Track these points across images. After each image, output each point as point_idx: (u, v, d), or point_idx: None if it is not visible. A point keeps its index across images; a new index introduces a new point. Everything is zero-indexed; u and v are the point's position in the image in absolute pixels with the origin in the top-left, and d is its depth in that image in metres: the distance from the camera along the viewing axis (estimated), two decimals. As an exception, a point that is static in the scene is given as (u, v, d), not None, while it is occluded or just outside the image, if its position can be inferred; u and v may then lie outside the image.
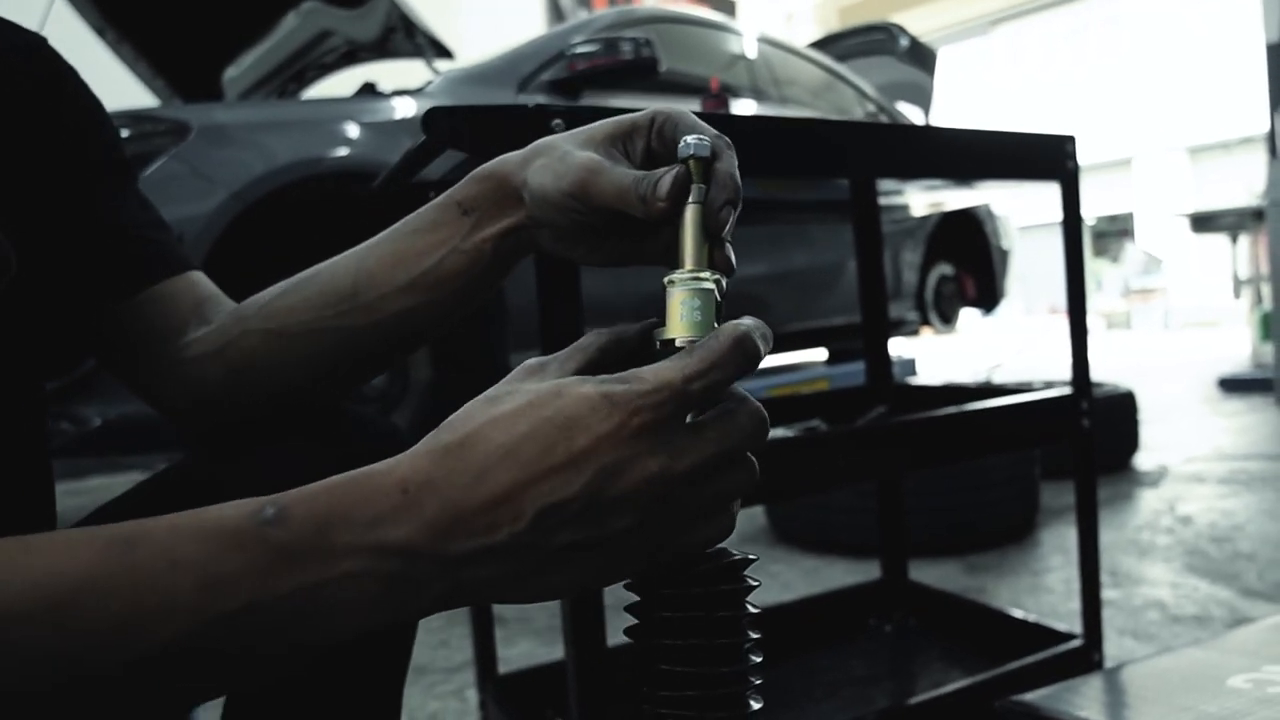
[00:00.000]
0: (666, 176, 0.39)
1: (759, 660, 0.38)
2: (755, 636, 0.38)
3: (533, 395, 0.33)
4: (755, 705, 0.37)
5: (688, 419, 0.34)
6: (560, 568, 0.33)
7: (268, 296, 0.54)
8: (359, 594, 0.31)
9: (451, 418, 0.34)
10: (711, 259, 0.38)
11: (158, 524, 0.30)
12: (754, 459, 0.36)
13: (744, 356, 0.34)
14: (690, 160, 0.39)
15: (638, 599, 0.38)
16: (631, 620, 0.38)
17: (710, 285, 0.37)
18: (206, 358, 0.55)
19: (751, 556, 0.38)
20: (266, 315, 0.53)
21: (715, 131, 0.41)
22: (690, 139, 0.39)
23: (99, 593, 0.28)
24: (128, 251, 0.57)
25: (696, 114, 0.45)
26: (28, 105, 0.54)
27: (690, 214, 0.39)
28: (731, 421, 0.34)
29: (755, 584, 0.38)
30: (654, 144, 0.43)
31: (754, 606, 0.38)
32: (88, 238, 0.56)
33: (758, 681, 0.38)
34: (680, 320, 0.37)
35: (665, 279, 0.38)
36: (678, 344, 0.36)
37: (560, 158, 0.43)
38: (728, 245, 0.39)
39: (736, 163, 0.40)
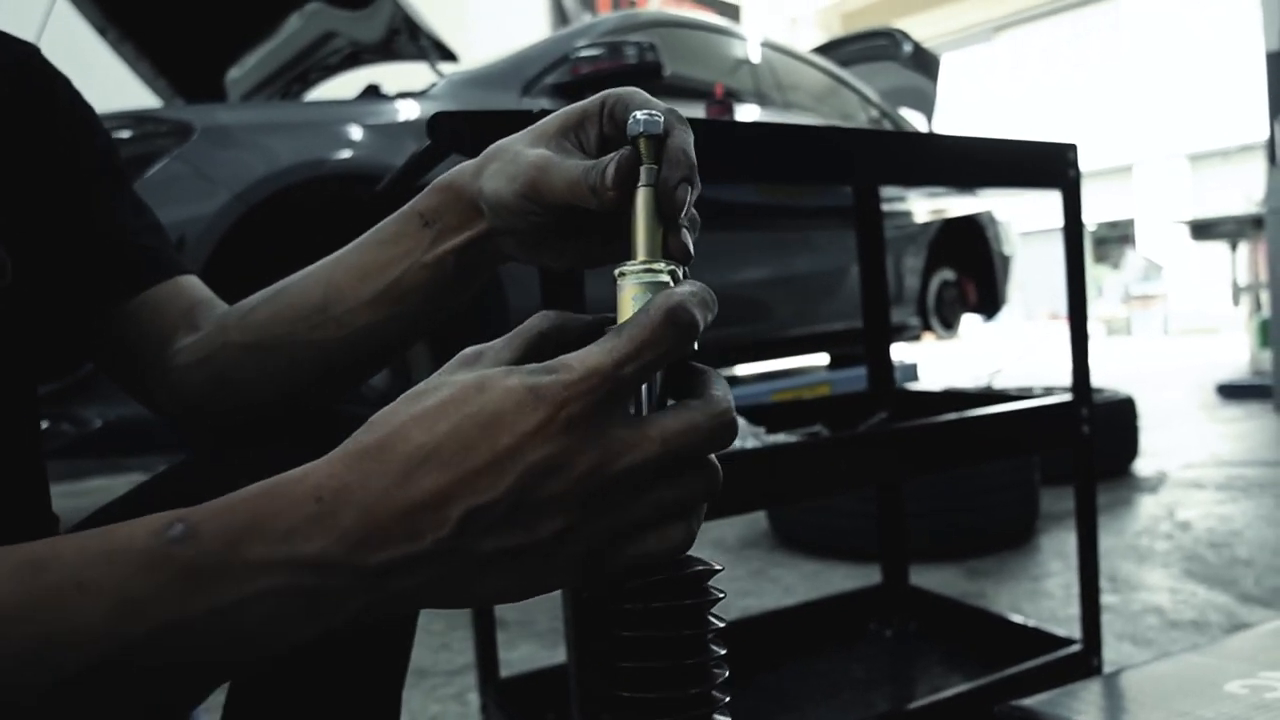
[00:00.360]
0: (612, 161, 0.36)
1: (724, 677, 0.35)
2: (720, 653, 0.35)
3: (455, 390, 0.30)
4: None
5: (632, 411, 0.32)
6: (489, 574, 0.31)
7: (246, 308, 0.54)
8: (278, 610, 0.29)
9: (374, 416, 0.32)
10: (666, 247, 0.35)
11: (68, 544, 0.29)
12: (715, 463, 0.33)
13: (678, 331, 0.30)
14: (640, 139, 0.35)
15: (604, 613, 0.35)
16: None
17: (664, 276, 0.34)
18: (193, 366, 0.55)
19: (717, 567, 0.34)
20: (244, 328, 0.53)
21: (667, 106, 0.38)
22: (639, 114, 0.36)
23: (7, 619, 0.27)
24: (120, 257, 0.57)
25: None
26: (21, 116, 0.55)
27: (641, 197, 0.35)
28: (683, 417, 0.31)
29: (719, 596, 0.35)
30: (606, 129, 0.41)
31: (718, 620, 0.35)
32: (82, 244, 0.57)
33: (724, 699, 0.35)
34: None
35: (616, 271, 0.34)
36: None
37: (512, 159, 0.41)
38: (685, 231, 0.36)
39: (691, 139, 0.37)
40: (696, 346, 0.33)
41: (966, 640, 1.43)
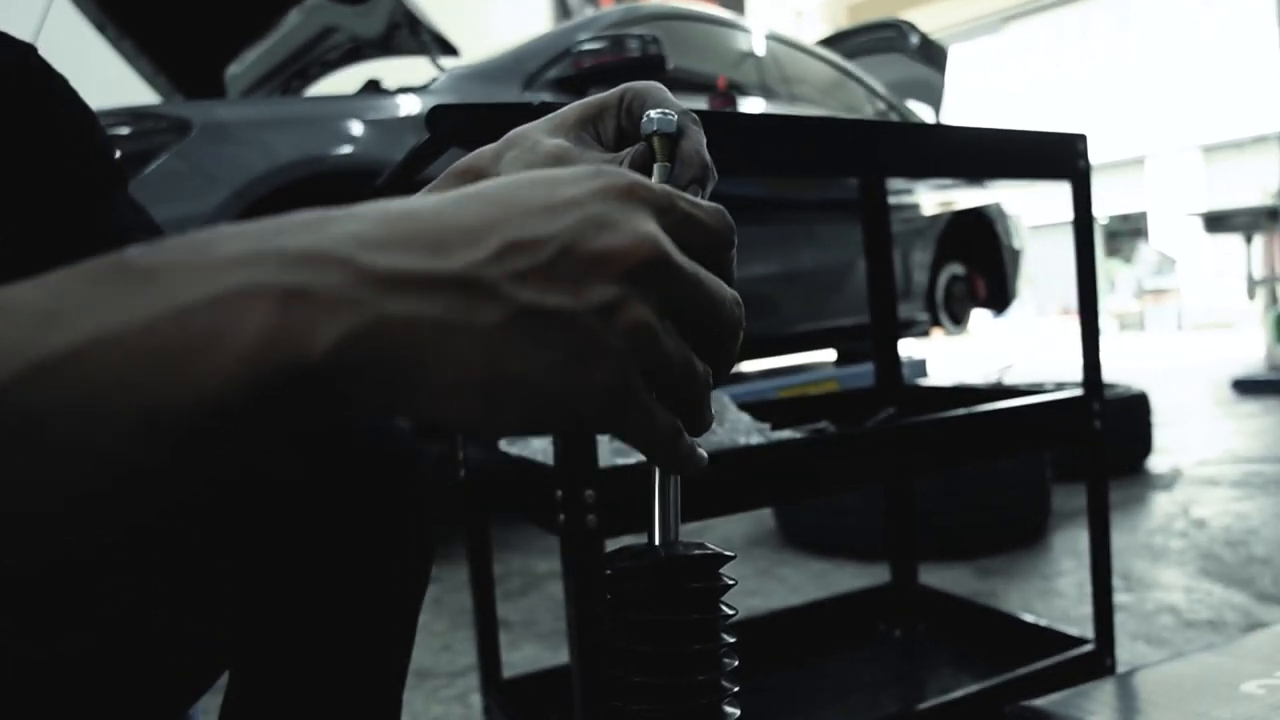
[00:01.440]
0: (625, 159, 0.37)
1: (733, 665, 0.34)
2: (730, 640, 0.34)
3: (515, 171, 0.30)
4: (733, 713, 0.34)
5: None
6: (520, 343, 0.25)
7: None
8: (240, 320, 0.22)
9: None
10: None
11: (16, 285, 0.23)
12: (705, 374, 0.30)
13: (726, 225, 0.31)
14: (654, 137, 0.36)
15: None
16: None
17: None
18: None
19: (727, 554, 0.34)
20: None
21: (683, 107, 0.39)
22: (653, 114, 0.37)
23: None
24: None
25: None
26: (18, 116, 0.54)
27: None
28: (717, 280, 0.30)
29: (730, 583, 0.34)
30: (624, 123, 0.41)
31: (728, 607, 0.34)
32: (79, 244, 0.56)
33: (734, 689, 0.34)
34: None
35: None
36: None
37: (530, 148, 0.41)
38: None
39: (704, 139, 0.38)
40: None
41: (977, 640, 1.41)
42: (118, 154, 0.62)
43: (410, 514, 0.54)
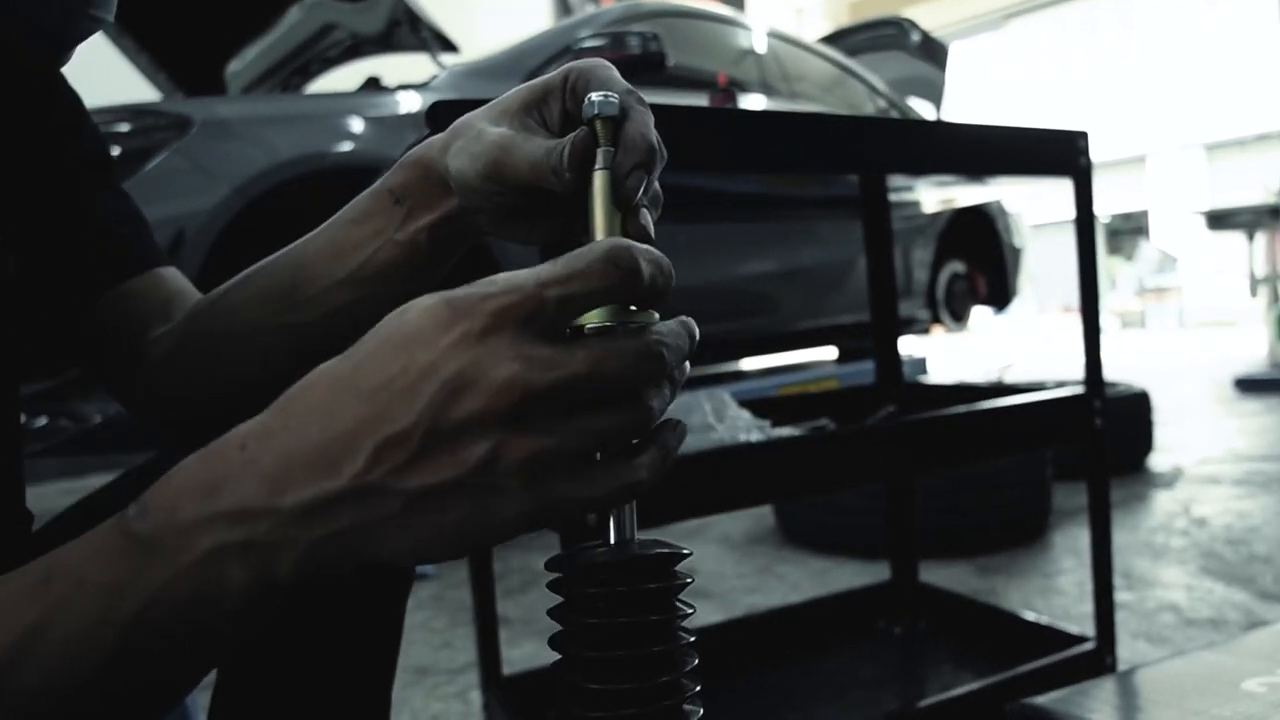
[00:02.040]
0: (568, 145, 0.35)
1: (692, 665, 0.33)
2: (688, 639, 0.33)
3: (381, 322, 0.30)
4: (694, 711, 0.33)
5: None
6: (427, 516, 0.28)
7: (216, 295, 0.53)
8: (222, 572, 0.29)
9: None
10: (624, 231, 0.34)
11: (69, 551, 0.30)
12: (649, 402, 0.30)
13: (616, 268, 0.29)
14: (595, 120, 0.35)
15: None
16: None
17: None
18: (164, 357, 0.54)
19: (685, 550, 0.33)
20: (214, 315, 0.52)
21: (628, 86, 0.38)
22: (595, 96, 0.35)
23: (34, 634, 0.29)
24: (98, 249, 0.56)
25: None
26: (13, 107, 0.54)
27: (598, 180, 0.34)
28: (612, 344, 0.29)
29: (687, 581, 0.33)
30: (569, 105, 0.40)
31: (686, 605, 0.33)
32: (66, 237, 0.56)
33: (694, 689, 0.33)
34: None
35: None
36: (586, 330, 0.31)
37: (475, 137, 0.40)
38: (645, 213, 0.35)
39: (650, 120, 0.36)
40: (657, 319, 0.32)
41: (977, 638, 1.41)
42: (115, 151, 0.62)
43: None
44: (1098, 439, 1.16)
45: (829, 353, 4.06)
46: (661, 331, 0.31)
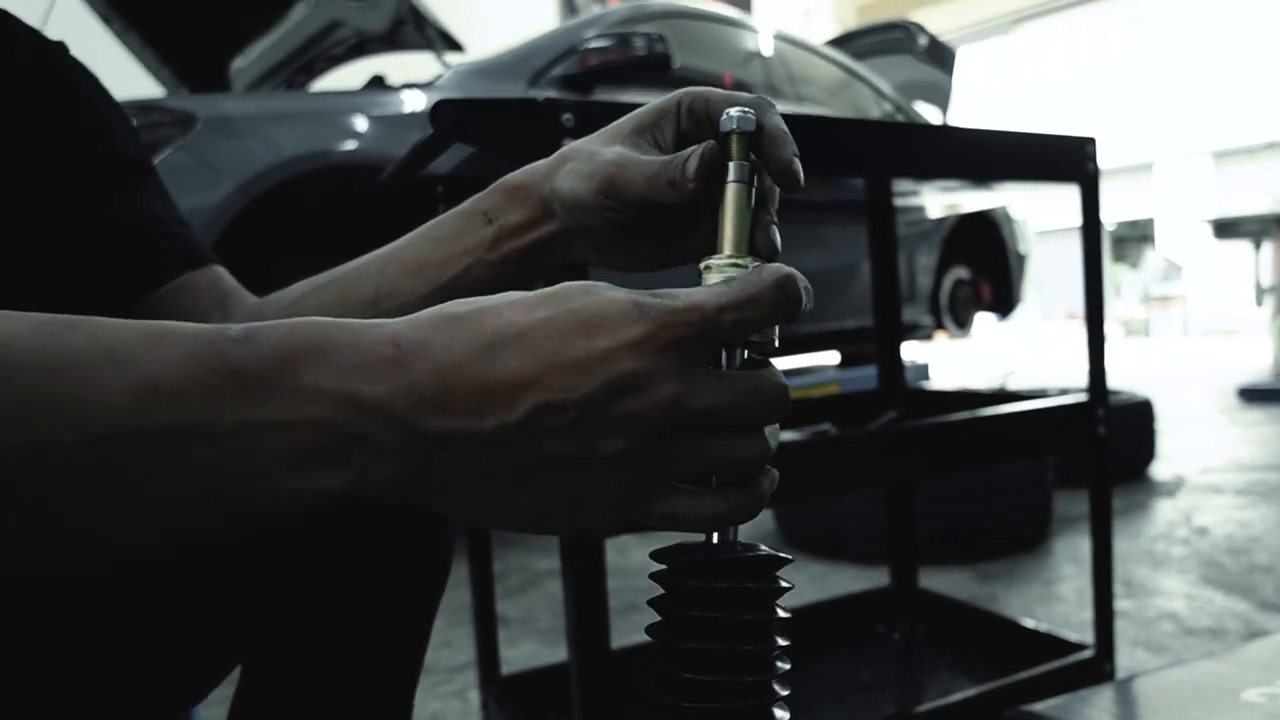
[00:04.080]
0: (695, 153, 0.36)
1: (786, 668, 0.35)
2: (783, 643, 0.35)
3: (562, 287, 0.30)
4: (781, 716, 0.34)
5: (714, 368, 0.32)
6: (534, 483, 0.30)
7: (290, 297, 0.53)
8: (312, 447, 0.27)
9: (476, 296, 0.31)
10: (753, 243, 0.35)
11: (107, 320, 0.26)
12: (768, 442, 0.32)
13: (784, 297, 0.31)
14: (732, 135, 0.36)
15: (662, 591, 0.35)
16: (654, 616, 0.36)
17: (750, 271, 0.34)
18: None
19: (785, 556, 0.34)
20: (286, 317, 0.52)
21: (753, 96, 0.38)
22: (733, 112, 0.36)
23: (14, 362, 0.24)
24: (150, 246, 0.57)
25: None
26: (40, 111, 0.55)
27: (731, 193, 0.35)
28: (754, 381, 0.31)
29: (787, 586, 0.34)
30: (684, 126, 0.41)
31: (784, 610, 0.35)
32: (103, 237, 0.57)
33: (784, 692, 0.34)
34: None
35: (701, 264, 0.35)
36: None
37: (588, 159, 0.42)
38: (773, 228, 0.36)
39: (782, 121, 0.37)
40: (776, 343, 0.34)
41: (976, 644, 1.40)
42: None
43: (431, 516, 0.53)
44: (1100, 447, 1.16)
45: (831, 357, 4.06)
46: (782, 376, 0.33)
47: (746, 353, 0.34)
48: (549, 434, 0.29)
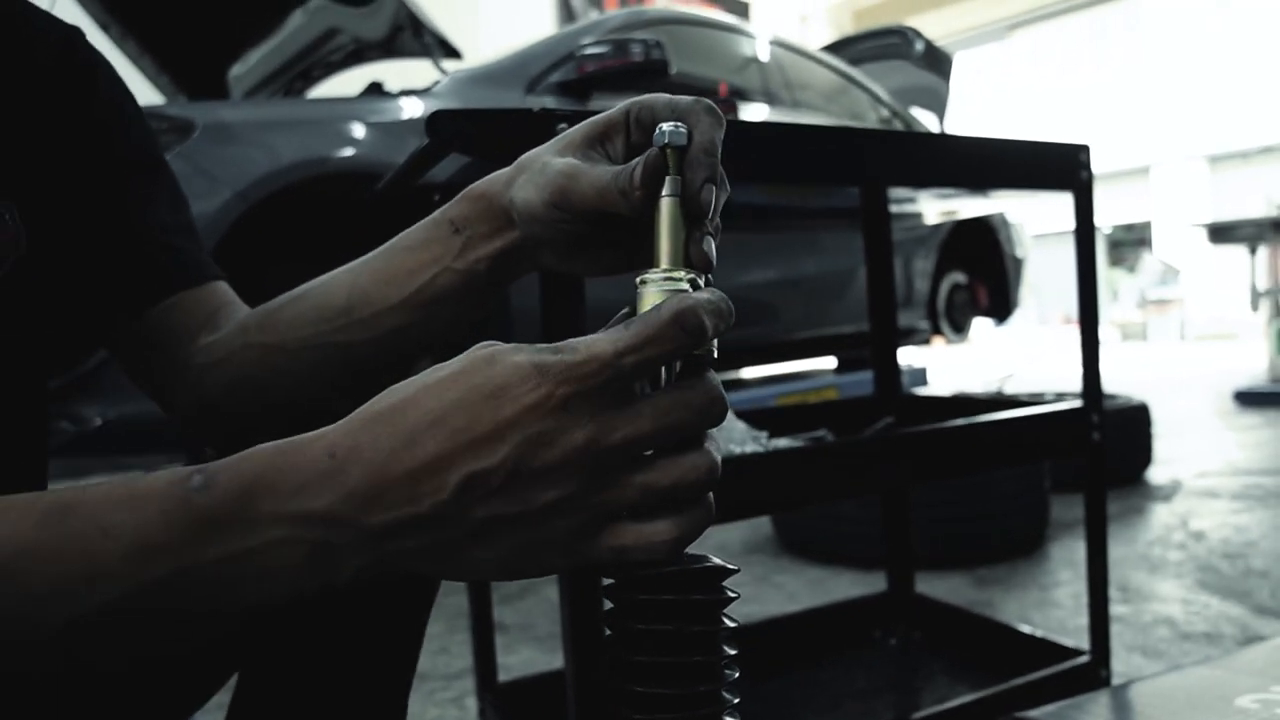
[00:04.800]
0: (640, 163, 0.37)
1: (734, 677, 0.35)
2: (731, 652, 0.35)
3: (468, 362, 0.32)
4: None
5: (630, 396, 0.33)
6: (485, 542, 0.32)
7: (269, 309, 0.54)
8: (283, 562, 0.31)
9: (394, 385, 0.33)
10: (688, 255, 0.36)
11: (94, 491, 0.31)
12: (712, 456, 0.33)
13: (684, 332, 0.32)
14: (665, 149, 0.36)
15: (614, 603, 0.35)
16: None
17: (684, 285, 0.35)
18: (211, 366, 0.55)
19: (732, 567, 0.35)
20: (265, 329, 0.53)
21: (690, 100, 0.39)
22: (665, 126, 0.36)
23: (33, 559, 0.29)
24: (152, 259, 0.57)
25: None
26: (59, 96, 0.54)
27: (665, 207, 0.36)
28: (674, 398, 0.32)
29: (733, 596, 0.35)
30: (634, 137, 0.42)
31: (730, 620, 0.35)
32: (112, 236, 0.56)
33: (734, 701, 0.35)
34: None
35: (638, 279, 0.35)
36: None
37: (540, 170, 0.42)
38: (709, 239, 0.36)
39: (718, 135, 0.37)
40: (716, 353, 0.35)
41: (973, 650, 1.41)
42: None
43: None
44: (1096, 453, 1.16)
45: (828, 362, 4.06)
46: (718, 384, 0.33)
47: (678, 365, 0.34)
48: (481, 501, 0.31)
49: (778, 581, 2.00)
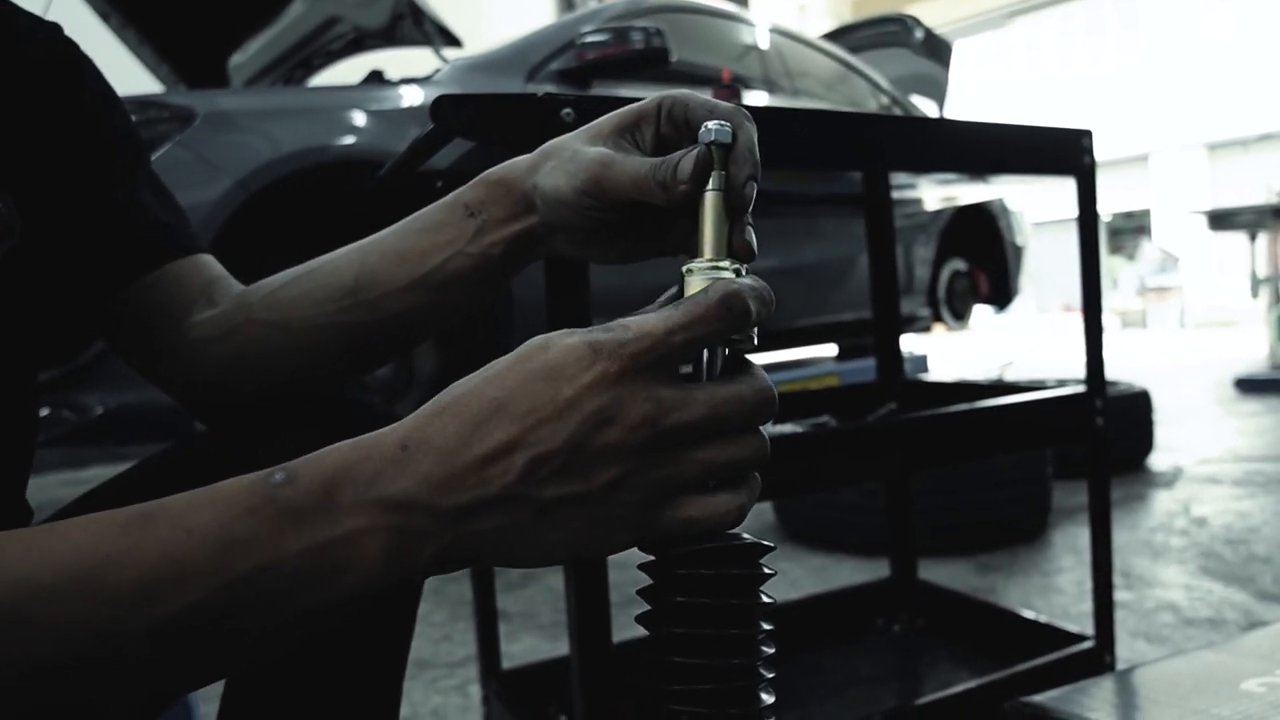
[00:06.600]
0: (688, 158, 0.38)
1: (771, 652, 0.36)
2: (768, 628, 0.36)
3: (523, 349, 0.34)
4: (767, 700, 0.36)
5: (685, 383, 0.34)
6: (553, 524, 0.33)
7: (272, 285, 0.54)
8: (364, 551, 0.32)
9: (457, 381, 0.35)
10: (730, 246, 0.38)
11: (176, 498, 0.32)
12: (762, 434, 0.35)
13: (730, 314, 0.33)
14: (712, 146, 0.38)
15: (650, 581, 0.37)
16: (644, 606, 0.37)
17: (728, 274, 0.36)
18: (210, 341, 0.55)
19: (767, 544, 0.36)
20: (269, 306, 0.53)
21: (731, 106, 0.40)
22: (711, 125, 0.38)
23: (119, 565, 0.30)
24: (138, 234, 0.57)
25: None
26: (46, 90, 0.55)
27: (709, 201, 0.38)
28: (728, 388, 0.34)
29: (770, 573, 0.36)
30: (664, 129, 0.42)
31: (768, 596, 0.36)
32: (99, 219, 0.57)
33: (769, 675, 0.36)
34: None
35: (684, 267, 0.37)
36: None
37: (570, 157, 0.43)
38: (749, 230, 0.38)
39: (755, 136, 0.40)
40: (756, 340, 0.36)
41: (976, 636, 1.41)
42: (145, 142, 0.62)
43: None
44: (1098, 439, 1.16)
45: (829, 349, 4.06)
46: (768, 381, 0.35)
47: (727, 350, 0.35)
48: (548, 481, 0.33)
49: (780, 568, 2.01)
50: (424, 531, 0.32)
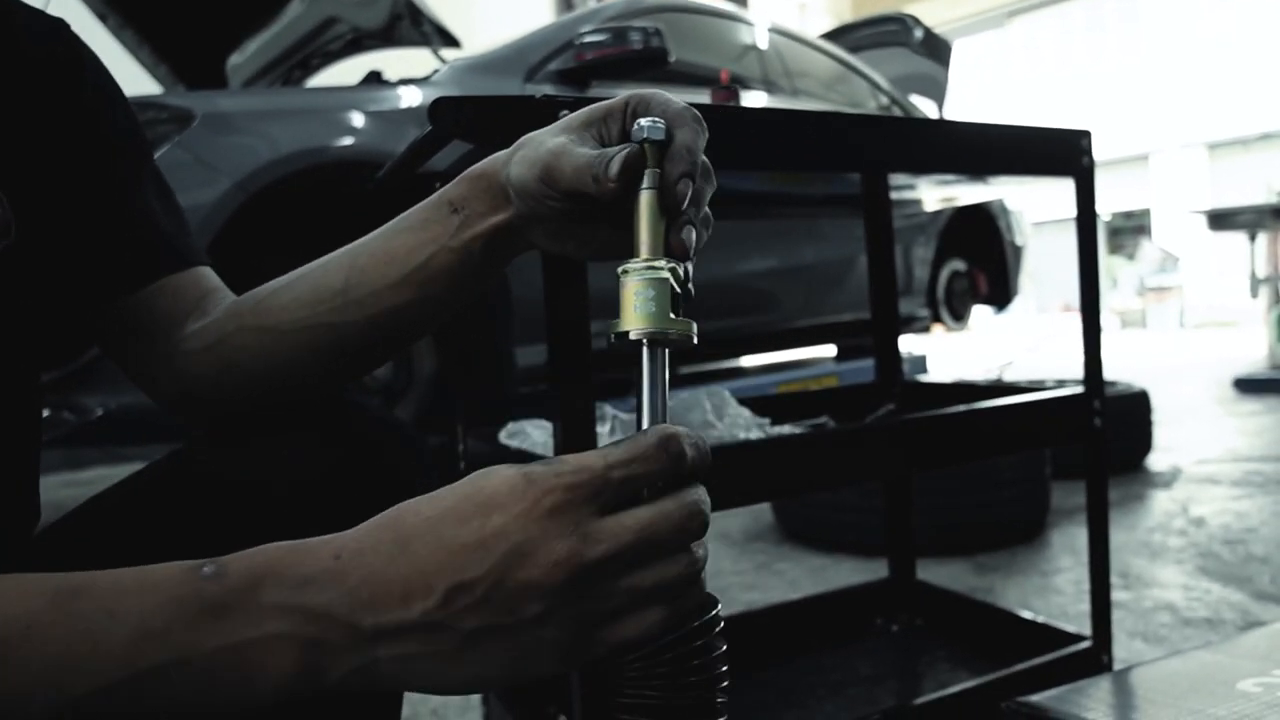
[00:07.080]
0: (618, 156, 0.38)
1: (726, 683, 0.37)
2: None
3: (470, 476, 0.34)
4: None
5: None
6: (473, 655, 0.33)
7: (262, 293, 0.54)
8: (277, 658, 0.32)
9: (408, 500, 0.35)
10: (668, 245, 0.37)
11: (107, 576, 0.32)
12: (694, 554, 0.35)
13: (668, 456, 0.34)
14: (644, 144, 0.38)
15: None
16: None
17: (664, 273, 0.36)
18: (200, 351, 0.55)
19: (710, 615, 0.37)
20: (259, 313, 0.53)
21: (681, 106, 0.40)
22: (643, 121, 0.38)
23: (40, 639, 0.30)
24: (138, 243, 0.57)
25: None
26: (47, 87, 0.54)
27: (644, 199, 0.37)
28: (656, 510, 0.34)
29: (719, 635, 0.37)
30: (629, 126, 0.43)
31: (721, 656, 0.37)
32: (99, 222, 0.56)
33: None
34: (634, 311, 0.36)
35: (619, 269, 0.37)
36: (631, 336, 0.35)
37: (535, 147, 0.43)
38: (689, 230, 0.38)
39: (700, 139, 0.39)
40: (695, 339, 0.37)
41: (974, 636, 1.41)
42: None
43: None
44: (1097, 439, 1.16)
45: (829, 350, 4.06)
46: (702, 496, 0.35)
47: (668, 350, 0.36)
48: (467, 611, 0.32)
49: (779, 569, 2.01)
50: (339, 647, 0.32)
